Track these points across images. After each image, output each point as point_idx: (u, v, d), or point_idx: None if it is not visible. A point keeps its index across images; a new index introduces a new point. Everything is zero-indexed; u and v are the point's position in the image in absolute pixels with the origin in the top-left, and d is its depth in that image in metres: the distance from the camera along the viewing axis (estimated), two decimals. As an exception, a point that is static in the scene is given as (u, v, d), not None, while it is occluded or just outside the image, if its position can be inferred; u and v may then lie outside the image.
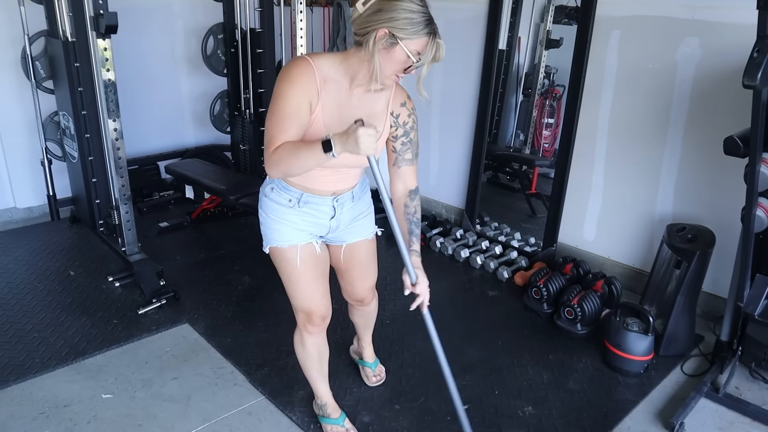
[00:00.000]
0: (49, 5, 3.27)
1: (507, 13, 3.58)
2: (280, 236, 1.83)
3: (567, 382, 2.45)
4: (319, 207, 1.81)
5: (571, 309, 2.72)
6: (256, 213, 1.94)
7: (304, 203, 1.79)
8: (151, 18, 4.22)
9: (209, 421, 2.19)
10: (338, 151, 1.44)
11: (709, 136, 2.72)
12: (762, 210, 2.18)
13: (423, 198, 4.25)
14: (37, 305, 2.93)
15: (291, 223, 1.81)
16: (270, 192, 1.83)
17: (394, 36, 1.46)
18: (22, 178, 3.98)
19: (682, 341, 2.64)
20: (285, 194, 1.79)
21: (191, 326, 2.79)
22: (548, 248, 3.38)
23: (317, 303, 1.91)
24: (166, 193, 4.40)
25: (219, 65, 4.35)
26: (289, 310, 2.92)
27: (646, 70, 2.89)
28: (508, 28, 3.60)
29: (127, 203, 3.06)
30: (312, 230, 1.85)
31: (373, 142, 1.42)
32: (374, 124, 1.49)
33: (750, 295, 2.30)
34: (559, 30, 3.60)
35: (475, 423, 2.20)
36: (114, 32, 2.71)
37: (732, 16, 2.55)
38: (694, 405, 2.29)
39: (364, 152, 1.42)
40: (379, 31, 1.46)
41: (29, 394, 2.31)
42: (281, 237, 1.82)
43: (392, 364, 2.53)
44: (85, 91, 3.21)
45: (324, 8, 4.42)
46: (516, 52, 3.84)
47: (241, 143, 4.23)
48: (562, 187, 3.27)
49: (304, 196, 1.78)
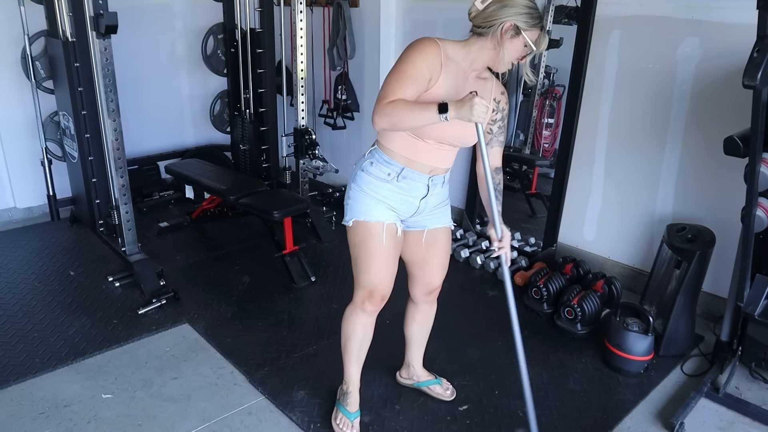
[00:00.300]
0: (49, 5, 3.27)
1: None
2: (369, 211, 1.92)
3: (567, 382, 2.45)
4: (415, 184, 1.91)
5: (571, 309, 2.72)
6: (256, 213, 1.96)
7: (402, 178, 1.89)
8: (151, 18, 4.22)
9: (209, 421, 2.19)
10: (452, 115, 1.60)
11: (709, 136, 2.72)
12: (762, 210, 2.18)
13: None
14: (37, 305, 2.93)
15: (384, 199, 1.91)
16: (369, 166, 1.92)
17: (518, 28, 1.70)
18: (22, 178, 3.98)
19: (682, 341, 2.64)
20: (385, 168, 1.89)
21: (191, 326, 2.79)
22: (548, 248, 3.38)
23: (386, 282, 2.01)
24: (166, 193, 4.40)
25: (219, 65, 4.35)
26: (289, 310, 2.94)
27: (646, 70, 2.89)
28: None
29: (127, 203, 3.06)
30: (400, 210, 1.95)
31: (484, 111, 1.59)
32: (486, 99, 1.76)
33: (750, 295, 2.30)
34: (559, 30, 3.60)
35: (475, 423, 2.20)
36: (114, 32, 2.71)
37: (732, 16, 2.55)
38: (694, 405, 2.29)
39: (476, 119, 1.59)
40: (506, 24, 1.70)
41: (29, 394, 2.31)
42: (370, 212, 1.91)
43: (392, 364, 2.53)
44: (85, 91, 3.21)
45: (324, 8, 4.42)
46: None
47: (241, 143, 4.23)
48: (562, 187, 3.27)
49: (405, 170, 1.88)
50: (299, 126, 3.84)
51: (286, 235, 3.21)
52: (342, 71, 4.44)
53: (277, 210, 3.09)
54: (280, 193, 3.52)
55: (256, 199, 3.27)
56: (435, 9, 3.78)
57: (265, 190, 3.43)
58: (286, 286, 3.16)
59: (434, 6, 3.78)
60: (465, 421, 2.21)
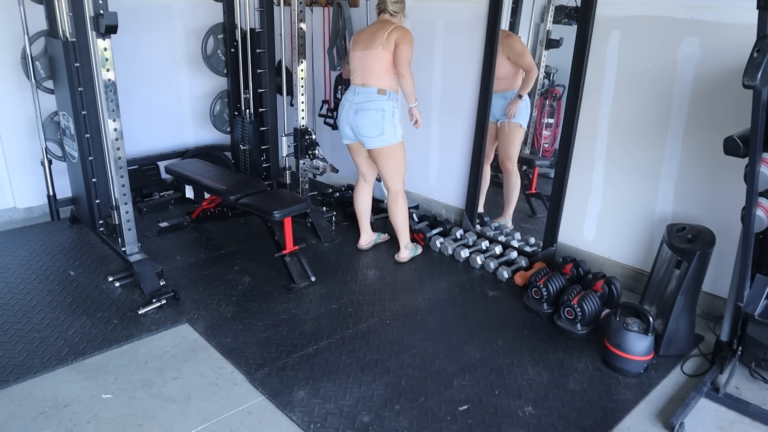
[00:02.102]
0: (49, 5, 3.27)
1: (507, 13, 3.58)
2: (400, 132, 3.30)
3: (567, 382, 2.46)
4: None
5: (571, 309, 2.72)
6: (256, 213, 1.96)
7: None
8: (151, 18, 4.22)
9: (209, 421, 2.19)
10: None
11: (709, 136, 2.72)
12: (762, 210, 2.18)
13: (423, 198, 4.25)
14: (37, 305, 2.93)
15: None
16: (396, 102, 3.22)
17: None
18: (22, 178, 3.98)
19: (682, 341, 2.64)
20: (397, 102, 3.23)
21: (191, 326, 2.80)
22: (548, 248, 3.38)
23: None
24: (166, 193, 4.40)
25: (219, 65, 4.35)
26: (289, 310, 2.94)
27: (646, 70, 2.89)
28: (508, 28, 3.60)
29: (127, 203, 3.06)
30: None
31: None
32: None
33: (750, 295, 2.30)
34: (559, 30, 3.60)
35: (475, 423, 2.20)
36: (114, 32, 2.71)
37: (732, 16, 2.55)
38: (694, 405, 2.29)
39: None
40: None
41: (29, 394, 2.31)
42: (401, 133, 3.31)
43: (392, 364, 2.53)
44: (85, 91, 3.21)
45: (324, 8, 4.42)
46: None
47: (241, 143, 4.23)
48: (562, 187, 3.27)
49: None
50: (299, 126, 3.85)
51: (286, 235, 3.22)
52: (342, 71, 4.44)
53: (277, 210, 3.09)
54: (280, 193, 3.52)
55: (256, 199, 3.27)
56: (435, 9, 3.78)
57: (265, 190, 3.43)
58: (286, 286, 3.17)
59: (434, 6, 3.78)
60: (465, 421, 2.21)
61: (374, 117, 3.19)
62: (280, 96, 4.24)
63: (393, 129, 3.22)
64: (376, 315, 2.92)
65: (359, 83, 3.24)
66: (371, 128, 3.21)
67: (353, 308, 2.98)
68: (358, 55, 3.24)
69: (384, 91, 3.18)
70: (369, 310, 2.97)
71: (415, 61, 3.22)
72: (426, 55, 3.88)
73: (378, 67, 3.16)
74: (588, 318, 2.71)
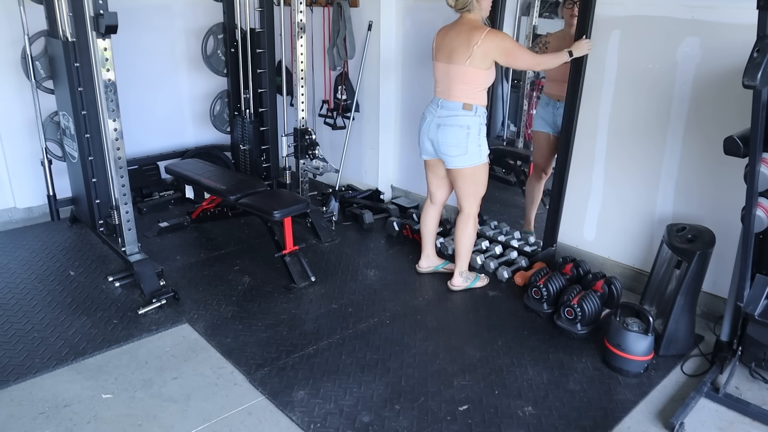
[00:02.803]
0: (49, 5, 3.27)
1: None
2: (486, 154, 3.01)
3: (567, 382, 2.46)
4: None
5: (571, 309, 2.72)
6: (256, 213, 1.96)
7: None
8: (151, 18, 4.22)
9: (209, 421, 2.19)
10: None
11: (709, 136, 2.72)
12: (762, 210, 2.18)
13: (423, 198, 4.24)
14: (37, 305, 2.93)
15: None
16: (483, 117, 2.90)
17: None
18: (22, 178, 3.98)
19: (682, 341, 2.64)
20: (484, 119, 2.92)
21: (191, 326, 2.80)
22: (548, 248, 3.38)
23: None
24: (166, 193, 4.40)
25: (219, 65, 4.35)
26: (289, 310, 2.94)
27: (646, 70, 2.89)
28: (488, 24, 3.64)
29: (127, 203, 3.06)
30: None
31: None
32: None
33: (750, 295, 2.30)
34: (545, 24, 3.65)
35: (475, 423, 2.20)
36: (114, 32, 2.71)
37: (732, 16, 2.55)
38: (694, 405, 2.29)
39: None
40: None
41: (29, 394, 2.31)
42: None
43: (392, 364, 2.53)
44: (85, 91, 3.21)
45: (324, 8, 4.42)
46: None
47: (241, 143, 4.23)
48: (561, 187, 3.27)
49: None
50: (299, 126, 3.85)
51: (286, 235, 3.22)
52: (342, 71, 4.44)
53: (277, 210, 3.09)
54: (280, 193, 3.52)
55: (256, 199, 3.27)
56: (435, 9, 3.78)
57: (265, 190, 3.43)
58: (286, 286, 3.17)
59: (434, 6, 3.78)
60: (465, 421, 2.21)
61: (458, 134, 2.87)
62: (280, 96, 4.24)
63: (478, 148, 2.90)
64: (376, 315, 2.92)
65: (443, 96, 2.91)
66: (454, 146, 2.90)
67: (353, 308, 2.98)
68: (441, 66, 2.90)
69: (470, 106, 2.84)
70: (369, 310, 2.97)
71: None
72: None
73: (464, 84, 2.84)
74: (588, 318, 2.71)
